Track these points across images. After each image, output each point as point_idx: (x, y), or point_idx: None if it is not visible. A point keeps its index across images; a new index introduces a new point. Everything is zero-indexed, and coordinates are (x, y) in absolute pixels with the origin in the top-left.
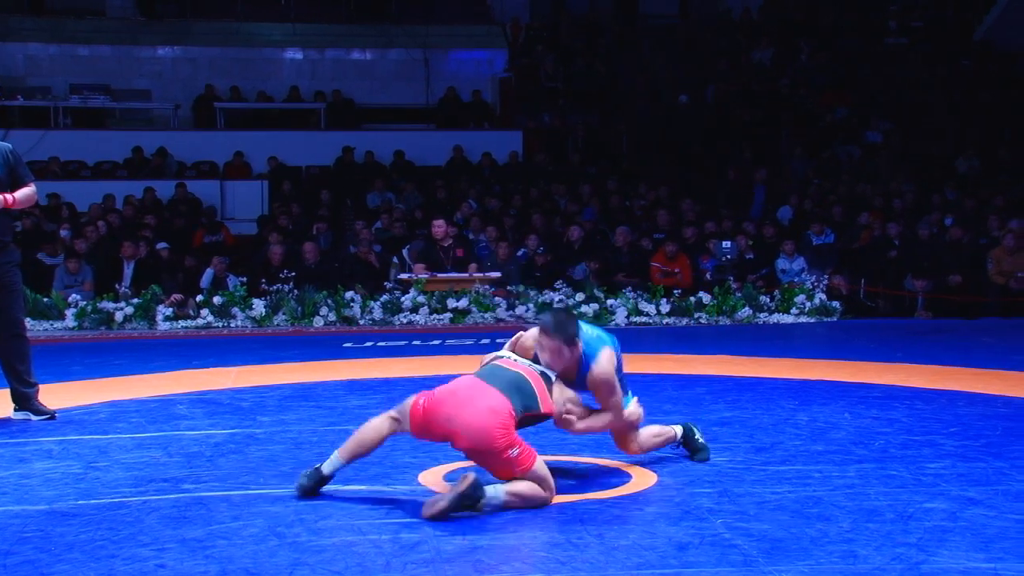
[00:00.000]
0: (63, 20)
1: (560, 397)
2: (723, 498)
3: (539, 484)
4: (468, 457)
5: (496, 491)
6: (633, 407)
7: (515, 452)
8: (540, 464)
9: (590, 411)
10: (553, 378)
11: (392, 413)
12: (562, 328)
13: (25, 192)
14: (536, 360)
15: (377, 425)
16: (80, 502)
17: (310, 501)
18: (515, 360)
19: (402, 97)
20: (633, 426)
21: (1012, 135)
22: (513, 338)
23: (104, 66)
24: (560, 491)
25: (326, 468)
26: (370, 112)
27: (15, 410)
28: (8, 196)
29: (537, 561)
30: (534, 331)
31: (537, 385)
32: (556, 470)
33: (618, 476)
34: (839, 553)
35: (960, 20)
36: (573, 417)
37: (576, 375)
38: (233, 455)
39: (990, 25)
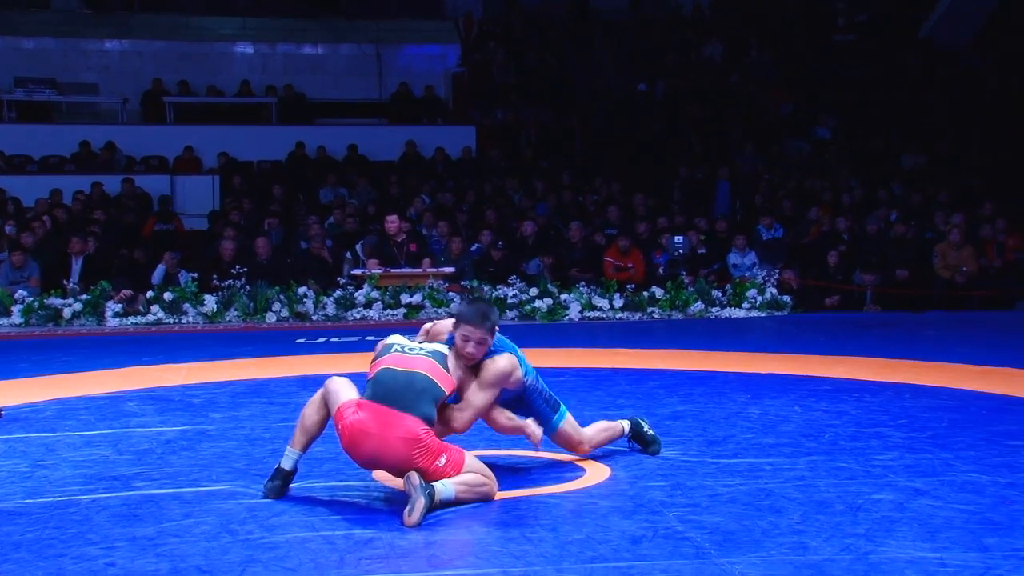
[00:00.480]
0: (7, 12)
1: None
2: (676, 491)
3: (478, 480)
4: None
5: (445, 485)
6: (534, 427)
7: (442, 461)
8: (472, 460)
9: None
10: (447, 352)
11: (325, 399)
12: (487, 317)
13: None
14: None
15: (316, 407)
16: (27, 501)
17: (262, 499)
18: (405, 351)
19: (354, 92)
20: (456, 431)
21: (954, 132)
22: (424, 328)
23: (50, 59)
24: (514, 486)
25: (286, 464)
26: (322, 107)
27: None
28: None
29: (491, 555)
30: (448, 322)
31: (434, 373)
32: (510, 465)
33: (572, 470)
34: (790, 545)
35: (905, 17)
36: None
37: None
38: (184, 452)
39: (934, 23)
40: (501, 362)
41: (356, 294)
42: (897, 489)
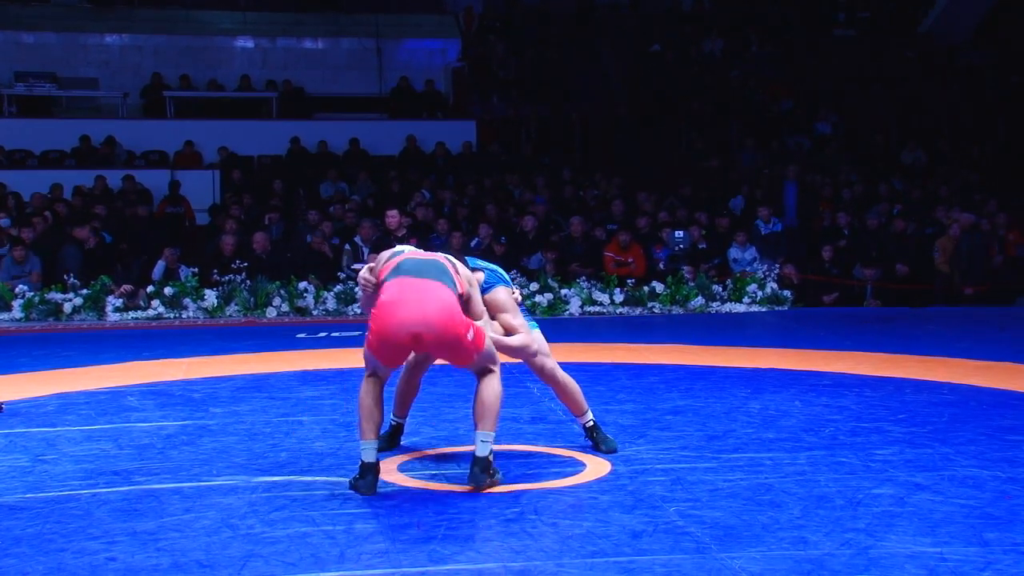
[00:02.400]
0: (7, 6)
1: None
2: (676, 486)
3: (492, 362)
4: (432, 353)
5: (483, 446)
6: (537, 333)
7: (471, 335)
8: (490, 341)
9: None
10: (457, 263)
11: (367, 374)
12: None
13: None
14: None
15: (370, 392)
16: (28, 495)
17: (263, 493)
18: (415, 250)
19: (354, 86)
20: (539, 353)
21: (953, 127)
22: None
23: (50, 54)
24: (515, 480)
25: (368, 457)
26: (322, 101)
27: None
28: None
29: (492, 550)
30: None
31: (450, 268)
32: (510, 460)
33: (572, 465)
34: (790, 539)
35: (904, 13)
36: (486, 322)
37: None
38: (185, 447)
39: (934, 18)
40: (500, 291)
41: (356, 289)
42: (897, 484)
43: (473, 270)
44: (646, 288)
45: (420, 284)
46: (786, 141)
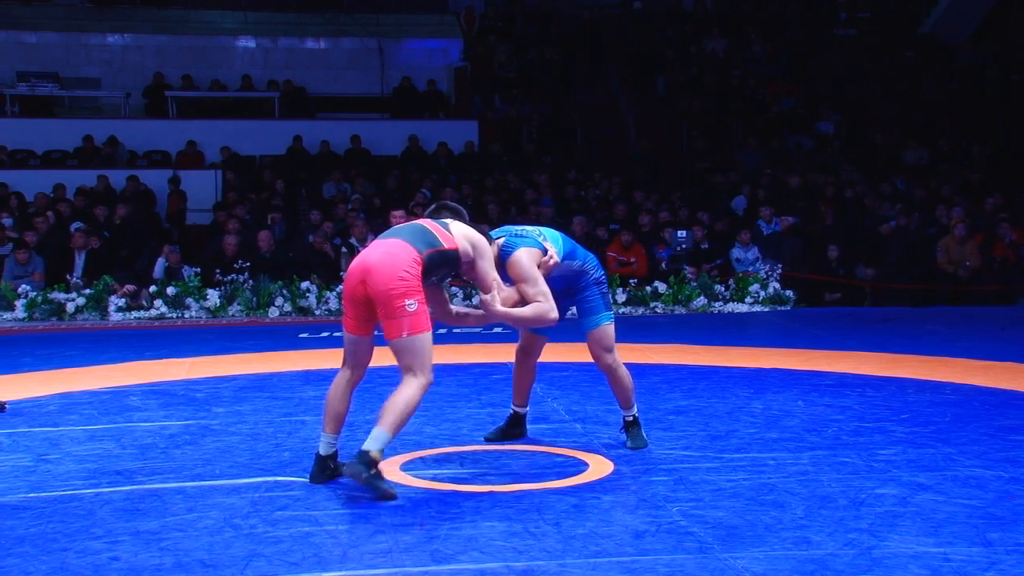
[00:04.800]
0: (9, 6)
1: (485, 265)
2: (679, 486)
3: (419, 366)
4: (376, 308)
5: (377, 438)
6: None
7: (412, 306)
8: (430, 338)
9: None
10: (450, 224)
11: (341, 364)
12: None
13: None
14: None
15: (336, 384)
16: (31, 495)
17: (265, 493)
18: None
19: (356, 86)
20: (550, 321)
21: (955, 127)
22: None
23: (52, 53)
24: (517, 480)
25: (321, 450)
26: (324, 101)
27: None
28: None
29: (495, 550)
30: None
31: (433, 228)
32: (513, 459)
33: (575, 465)
34: (793, 539)
35: (906, 12)
36: (493, 296)
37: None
38: (188, 446)
39: (936, 18)
40: (517, 256)
41: None
42: (900, 484)
43: (493, 240)
44: (648, 288)
45: (382, 241)
46: (787, 141)
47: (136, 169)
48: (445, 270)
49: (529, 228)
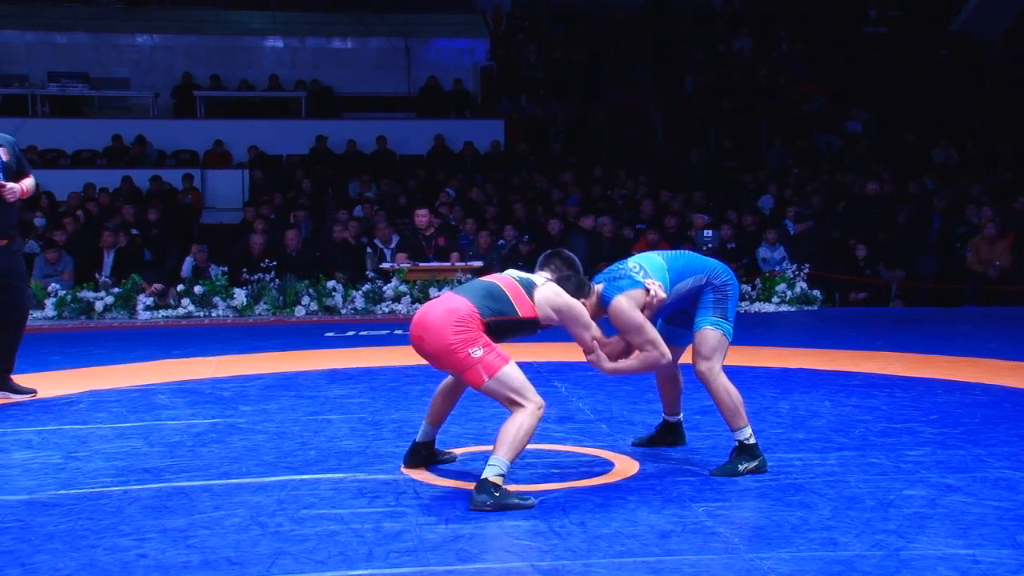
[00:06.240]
0: (40, 7)
1: (578, 320)
2: (705, 486)
3: (516, 394)
4: (436, 367)
5: (488, 468)
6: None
7: (477, 352)
8: (514, 369)
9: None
10: (539, 283)
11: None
12: (563, 284)
13: (29, 183)
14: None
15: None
16: (60, 492)
17: (291, 491)
18: (496, 274)
19: (383, 86)
20: (670, 366)
21: (985, 125)
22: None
23: (82, 54)
24: (542, 480)
25: (419, 437)
26: (351, 101)
27: None
28: (21, 186)
29: (520, 549)
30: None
31: (510, 289)
32: (539, 459)
33: (600, 464)
34: (820, 540)
35: (937, 10)
36: (598, 355)
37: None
38: (215, 444)
39: (967, 16)
40: (618, 304)
41: (385, 287)
42: (929, 485)
43: (592, 288)
44: None
45: (446, 296)
46: (816, 140)
47: (164, 168)
48: (524, 333)
49: (629, 265)
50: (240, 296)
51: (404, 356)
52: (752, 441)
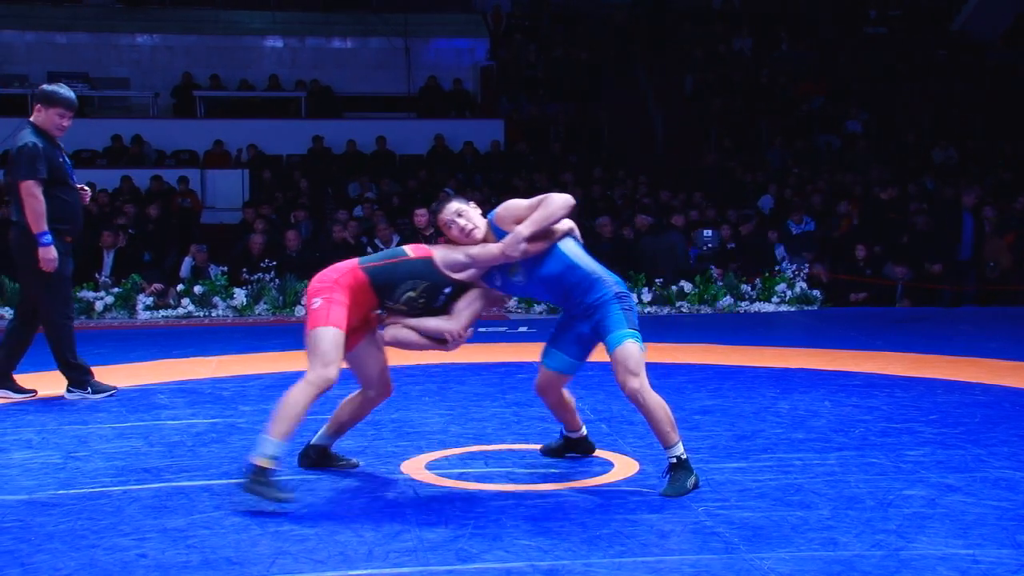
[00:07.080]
0: (40, 7)
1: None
2: (704, 486)
3: (313, 356)
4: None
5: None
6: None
7: (316, 303)
8: (329, 333)
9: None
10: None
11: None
12: (447, 197)
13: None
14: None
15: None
16: (60, 492)
17: (291, 491)
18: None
19: (383, 86)
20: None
21: (985, 125)
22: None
23: (82, 54)
24: (543, 480)
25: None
26: (351, 101)
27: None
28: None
29: (520, 549)
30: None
31: (413, 246)
32: (539, 459)
33: (600, 465)
34: (820, 540)
35: (937, 10)
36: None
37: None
38: (215, 444)
39: (967, 16)
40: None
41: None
42: (929, 485)
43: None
44: (674, 287)
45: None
46: (816, 140)
47: (163, 168)
48: (421, 283)
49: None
50: (240, 296)
51: (403, 356)
52: (686, 455)
